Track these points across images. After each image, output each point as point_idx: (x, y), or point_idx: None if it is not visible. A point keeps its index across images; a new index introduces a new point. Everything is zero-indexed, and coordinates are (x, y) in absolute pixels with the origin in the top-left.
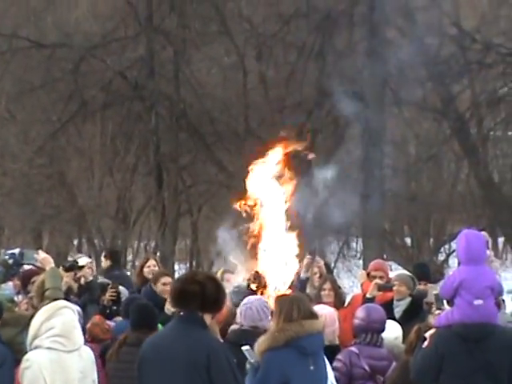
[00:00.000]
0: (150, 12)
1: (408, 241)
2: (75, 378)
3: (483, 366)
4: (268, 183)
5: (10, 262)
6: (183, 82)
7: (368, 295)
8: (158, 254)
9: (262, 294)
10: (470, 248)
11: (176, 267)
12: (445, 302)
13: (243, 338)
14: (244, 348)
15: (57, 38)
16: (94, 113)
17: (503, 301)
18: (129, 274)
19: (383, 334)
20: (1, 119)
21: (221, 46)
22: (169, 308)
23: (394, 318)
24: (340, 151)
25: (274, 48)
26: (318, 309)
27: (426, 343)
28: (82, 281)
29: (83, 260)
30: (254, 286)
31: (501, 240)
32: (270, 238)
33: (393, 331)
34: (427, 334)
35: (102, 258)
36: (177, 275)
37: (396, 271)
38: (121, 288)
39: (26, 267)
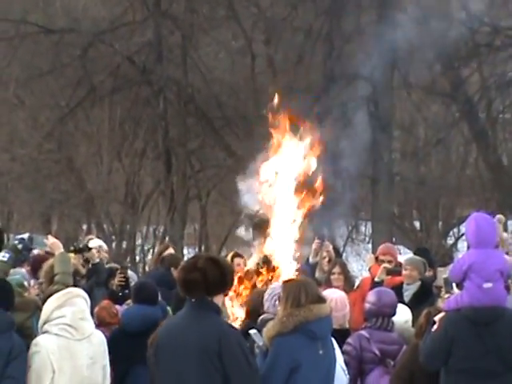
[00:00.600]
0: None
1: (417, 224)
2: (83, 364)
3: (493, 349)
4: (279, 165)
5: (20, 247)
6: (191, 66)
7: (376, 279)
8: (167, 238)
9: (271, 277)
10: (479, 231)
11: (185, 251)
12: (454, 285)
13: None
14: (252, 331)
15: (65, 23)
16: (102, 98)
17: None
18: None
19: (393, 318)
20: (10, 105)
21: (229, 31)
22: None
23: (403, 302)
24: (348, 135)
25: (282, 32)
26: (329, 293)
27: (435, 327)
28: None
29: (95, 242)
30: (263, 270)
31: (510, 223)
32: (279, 222)
33: (403, 315)
34: (436, 318)
35: None
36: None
37: (405, 255)
38: (130, 273)
39: (36, 252)
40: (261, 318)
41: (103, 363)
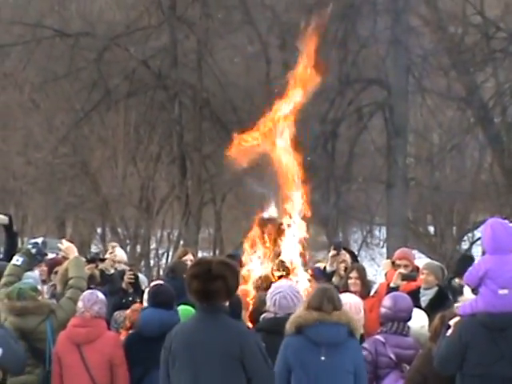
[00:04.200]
0: (173, 1)
1: (431, 229)
2: None
3: (507, 354)
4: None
5: (33, 251)
6: (206, 71)
7: (392, 284)
8: (182, 242)
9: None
10: (495, 237)
11: (200, 256)
12: (466, 290)
13: (279, 326)
14: None
15: (80, 27)
16: (117, 102)
17: None
18: (152, 262)
19: (409, 323)
20: (25, 108)
21: (244, 35)
22: None
23: (419, 307)
24: (363, 140)
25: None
26: (344, 297)
27: (450, 331)
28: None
29: (119, 251)
30: (278, 274)
31: None
32: (293, 228)
33: (419, 320)
34: (451, 322)
35: None
36: None
37: (419, 259)
38: (140, 276)
39: (51, 256)
40: (262, 316)
41: None
